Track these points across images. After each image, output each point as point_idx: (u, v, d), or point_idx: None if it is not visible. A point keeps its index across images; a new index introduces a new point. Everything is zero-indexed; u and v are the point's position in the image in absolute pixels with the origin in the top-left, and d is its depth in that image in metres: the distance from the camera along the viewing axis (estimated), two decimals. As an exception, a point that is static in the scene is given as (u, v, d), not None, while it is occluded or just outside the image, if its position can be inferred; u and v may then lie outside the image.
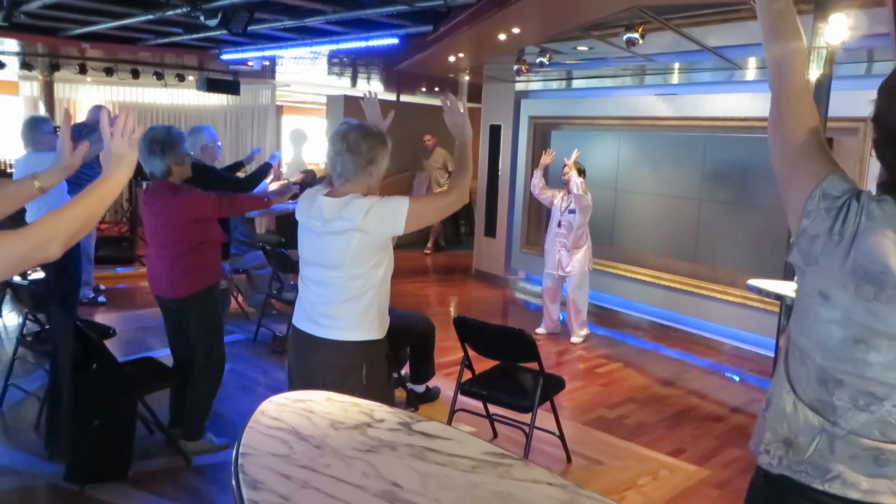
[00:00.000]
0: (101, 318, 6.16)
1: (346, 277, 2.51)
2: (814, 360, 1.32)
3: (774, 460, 1.38)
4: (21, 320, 4.50)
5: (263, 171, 5.07)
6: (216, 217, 3.67)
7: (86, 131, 6.11)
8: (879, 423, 1.28)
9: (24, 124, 4.96)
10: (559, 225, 6.10)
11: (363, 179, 2.56)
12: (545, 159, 6.14)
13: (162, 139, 3.49)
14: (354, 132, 2.54)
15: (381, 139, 2.59)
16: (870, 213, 1.27)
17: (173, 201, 3.53)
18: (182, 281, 3.60)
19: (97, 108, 6.60)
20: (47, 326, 4.38)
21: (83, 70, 8.79)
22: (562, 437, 3.89)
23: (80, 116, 10.57)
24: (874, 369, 1.26)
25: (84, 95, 10.77)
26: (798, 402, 1.35)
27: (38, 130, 4.87)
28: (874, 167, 5.37)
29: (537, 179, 6.19)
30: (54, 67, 9.01)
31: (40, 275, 5.25)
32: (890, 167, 1.32)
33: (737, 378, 5.60)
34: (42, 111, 9.39)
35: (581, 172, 6.04)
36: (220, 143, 5.04)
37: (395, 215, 2.45)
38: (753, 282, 4.29)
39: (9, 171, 9.05)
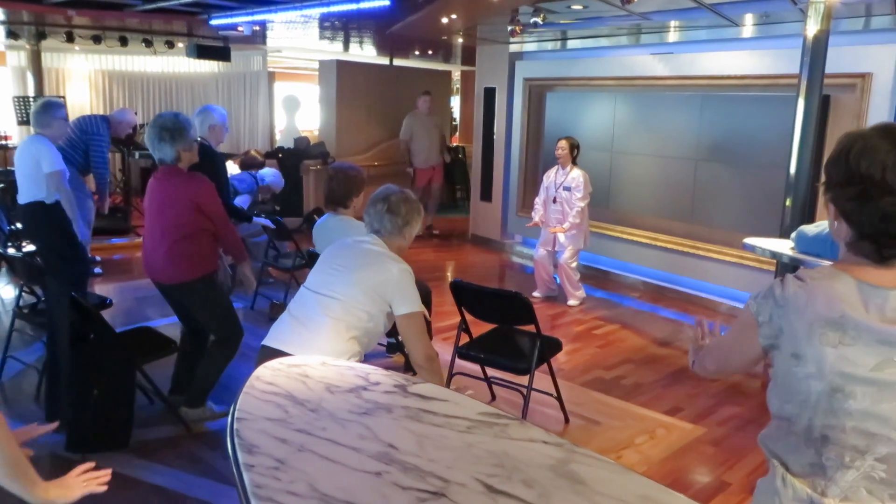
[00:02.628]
0: (97, 289, 6.16)
1: (351, 301, 2.63)
2: (800, 422, 1.37)
3: None
4: (17, 293, 4.49)
5: (244, 217, 5.24)
6: (215, 223, 3.64)
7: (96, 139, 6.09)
8: (865, 481, 1.32)
9: (38, 105, 4.91)
10: (554, 201, 6.08)
11: (397, 240, 2.80)
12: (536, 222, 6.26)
13: (171, 126, 3.50)
14: (396, 195, 2.78)
15: (419, 207, 2.85)
16: (811, 276, 1.39)
17: (188, 185, 3.55)
18: (178, 267, 3.59)
19: (124, 111, 6.62)
20: (43, 298, 4.37)
21: (70, 38, 8.64)
22: (559, 398, 3.92)
23: (70, 87, 10.48)
24: (854, 418, 1.31)
25: (73, 65, 10.61)
26: (787, 475, 1.41)
27: (49, 115, 4.81)
28: (872, 123, 5.25)
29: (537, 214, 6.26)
30: (41, 36, 8.85)
31: (31, 247, 5.23)
32: (863, 222, 1.36)
33: (733, 337, 5.62)
34: (30, 81, 9.26)
35: (575, 148, 6.01)
36: (228, 129, 4.97)
37: (408, 298, 2.64)
38: (749, 240, 4.29)
39: (2, 142, 8.95)
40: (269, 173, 6.98)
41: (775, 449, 1.44)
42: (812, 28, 4.27)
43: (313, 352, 2.56)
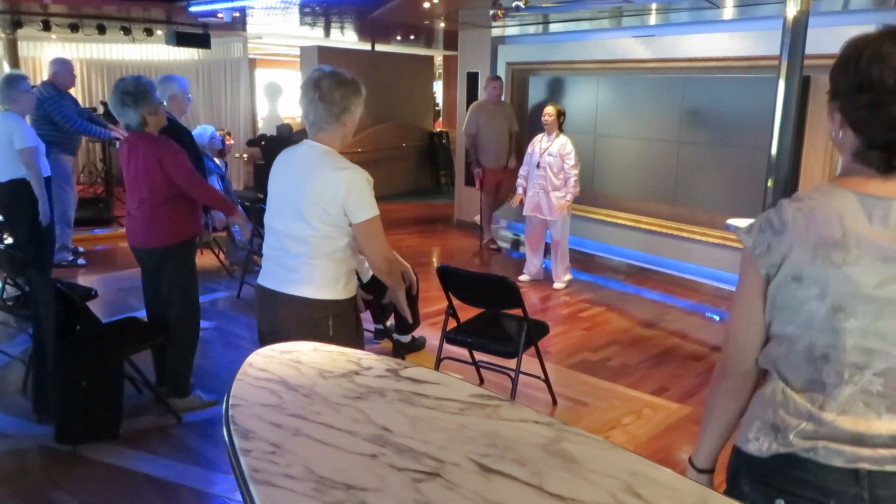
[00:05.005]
0: (81, 280, 6.12)
1: (312, 233, 2.49)
2: (801, 342, 1.37)
3: (764, 445, 1.41)
4: (0, 285, 4.45)
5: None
6: (181, 185, 3.57)
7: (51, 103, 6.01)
8: (863, 394, 1.32)
9: (1, 81, 4.86)
10: (538, 166, 6.10)
11: (337, 129, 2.54)
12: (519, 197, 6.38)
13: (133, 90, 3.44)
14: (327, 79, 2.48)
15: (356, 87, 2.54)
16: (809, 196, 1.36)
17: (152, 148, 3.50)
18: (158, 231, 3.58)
19: (54, 61, 6.46)
20: (27, 290, 4.34)
21: (47, 27, 8.52)
22: (547, 380, 3.96)
23: (47, 76, 10.30)
24: (854, 336, 1.30)
25: (50, 53, 10.43)
26: (787, 389, 1.41)
27: (14, 89, 4.78)
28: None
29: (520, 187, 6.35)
30: (17, 24, 8.70)
31: (10, 240, 5.19)
32: (873, 131, 1.33)
33: (717, 318, 5.70)
34: (7, 71, 9.11)
35: (562, 115, 6.05)
36: (190, 97, 4.94)
37: (361, 204, 2.45)
38: (732, 221, 4.33)
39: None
40: (198, 133, 6.20)
41: (776, 365, 1.44)
42: (792, 9, 4.29)
43: (303, 286, 2.52)
